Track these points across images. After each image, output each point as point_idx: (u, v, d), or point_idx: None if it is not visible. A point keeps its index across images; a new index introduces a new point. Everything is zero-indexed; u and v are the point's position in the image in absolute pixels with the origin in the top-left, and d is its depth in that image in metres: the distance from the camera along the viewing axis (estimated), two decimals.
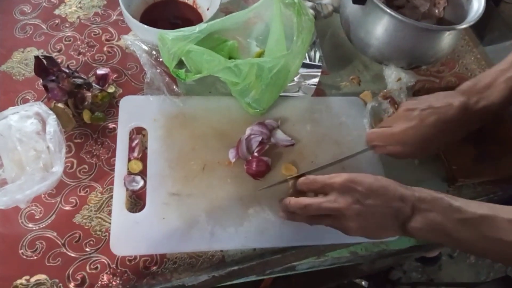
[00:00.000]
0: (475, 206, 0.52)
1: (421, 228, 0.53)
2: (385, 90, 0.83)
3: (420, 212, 0.53)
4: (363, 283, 1.51)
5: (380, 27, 0.78)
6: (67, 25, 0.86)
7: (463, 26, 0.75)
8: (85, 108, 0.73)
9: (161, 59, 0.74)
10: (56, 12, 0.88)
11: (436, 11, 0.89)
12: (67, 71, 0.73)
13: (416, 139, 0.63)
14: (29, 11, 0.87)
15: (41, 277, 0.60)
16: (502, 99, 0.62)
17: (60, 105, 0.70)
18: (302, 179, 0.60)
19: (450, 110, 0.62)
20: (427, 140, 0.63)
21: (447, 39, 0.79)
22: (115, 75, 0.80)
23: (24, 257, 0.61)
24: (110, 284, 0.61)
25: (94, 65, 0.81)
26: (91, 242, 0.63)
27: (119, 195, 0.65)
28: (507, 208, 0.52)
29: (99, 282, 0.61)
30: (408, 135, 0.63)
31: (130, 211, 0.65)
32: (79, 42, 0.84)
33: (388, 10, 0.74)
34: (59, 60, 0.79)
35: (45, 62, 0.71)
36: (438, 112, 0.62)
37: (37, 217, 0.65)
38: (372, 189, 0.54)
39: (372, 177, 0.55)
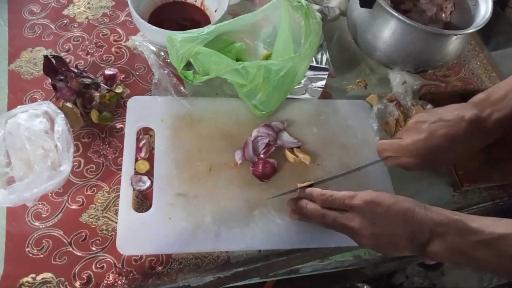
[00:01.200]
0: (492, 225, 0.51)
1: (440, 252, 0.52)
2: (390, 94, 0.83)
3: (438, 237, 0.52)
4: (365, 287, 1.50)
5: (387, 31, 0.78)
6: (75, 25, 0.86)
7: (471, 30, 0.75)
8: (93, 108, 0.73)
9: (169, 60, 0.75)
10: (65, 12, 0.88)
11: (443, 15, 0.89)
12: (75, 71, 0.73)
13: (426, 151, 0.62)
14: (38, 11, 0.88)
15: (47, 275, 0.60)
16: None
17: (68, 104, 0.70)
18: (318, 193, 0.59)
19: (461, 123, 0.60)
20: (437, 153, 0.62)
21: (454, 43, 0.79)
22: (123, 76, 0.80)
23: (31, 255, 0.62)
24: (116, 284, 0.61)
25: (102, 65, 0.81)
26: (97, 241, 0.64)
27: (126, 195, 0.66)
28: None
29: (105, 281, 0.61)
30: (418, 147, 0.62)
31: (137, 211, 0.65)
32: (87, 42, 0.84)
33: (396, 14, 0.74)
34: (68, 60, 0.80)
35: (54, 61, 0.72)
36: (448, 125, 0.61)
37: (44, 215, 0.65)
38: (390, 212, 0.53)
39: (392, 199, 0.54)
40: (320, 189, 0.60)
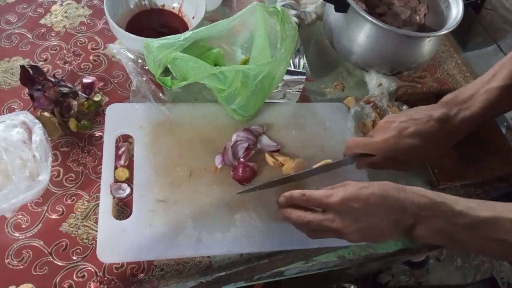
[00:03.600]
0: (478, 207, 0.51)
1: (425, 234, 0.53)
2: (367, 96, 0.84)
3: (422, 220, 0.52)
4: (352, 287, 1.51)
5: (362, 34, 0.80)
6: (53, 35, 0.86)
7: (443, 32, 0.77)
8: (71, 117, 0.73)
9: (147, 67, 0.75)
10: (42, 21, 0.88)
11: (417, 18, 0.91)
12: (53, 80, 0.73)
13: (397, 149, 0.63)
14: (15, 20, 0.87)
15: (28, 286, 0.60)
16: (483, 110, 0.62)
17: (46, 114, 0.70)
18: (298, 194, 0.59)
19: (430, 121, 0.62)
20: (407, 150, 0.63)
21: (427, 45, 0.81)
22: (101, 84, 0.80)
23: (10, 266, 0.61)
24: None
25: (80, 73, 0.81)
26: (78, 251, 0.63)
27: (106, 203, 0.66)
28: (510, 206, 0.51)
29: None
30: (388, 144, 0.63)
31: (117, 219, 0.65)
32: (65, 51, 0.84)
33: (370, 18, 0.75)
34: (45, 69, 0.80)
35: (31, 71, 0.71)
36: (417, 123, 0.63)
37: (24, 226, 0.64)
38: (369, 204, 0.53)
39: (368, 189, 0.54)
40: (300, 190, 0.59)
